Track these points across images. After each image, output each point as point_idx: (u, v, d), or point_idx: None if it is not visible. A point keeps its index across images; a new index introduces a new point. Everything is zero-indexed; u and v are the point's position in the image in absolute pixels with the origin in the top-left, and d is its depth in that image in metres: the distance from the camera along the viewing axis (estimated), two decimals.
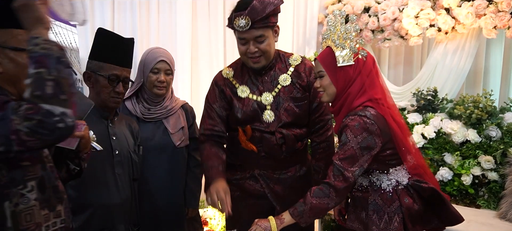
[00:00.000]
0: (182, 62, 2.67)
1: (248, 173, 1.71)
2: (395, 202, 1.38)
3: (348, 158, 1.33)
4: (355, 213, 1.48)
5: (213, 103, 1.68)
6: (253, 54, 1.56)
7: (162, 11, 2.65)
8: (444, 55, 2.70)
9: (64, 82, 0.87)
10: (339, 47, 1.37)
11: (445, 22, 2.52)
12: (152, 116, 1.89)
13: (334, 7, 3.09)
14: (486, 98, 2.41)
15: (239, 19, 1.48)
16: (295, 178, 1.72)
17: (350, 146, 1.33)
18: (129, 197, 1.63)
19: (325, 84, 1.41)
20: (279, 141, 1.62)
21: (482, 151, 2.32)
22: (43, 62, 0.85)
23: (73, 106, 0.88)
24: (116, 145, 1.58)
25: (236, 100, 1.65)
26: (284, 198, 1.68)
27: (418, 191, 1.39)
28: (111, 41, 1.56)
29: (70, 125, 0.86)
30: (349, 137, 1.33)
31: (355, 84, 1.38)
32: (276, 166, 1.69)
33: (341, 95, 1.40)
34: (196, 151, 2.02)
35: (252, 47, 1.54)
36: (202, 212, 2.73)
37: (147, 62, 1.88)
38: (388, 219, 1.36)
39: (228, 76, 1.70)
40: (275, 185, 1.69)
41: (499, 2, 2.27)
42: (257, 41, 1.54)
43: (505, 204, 2.08)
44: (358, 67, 1.38)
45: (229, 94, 1.67)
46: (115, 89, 1.54)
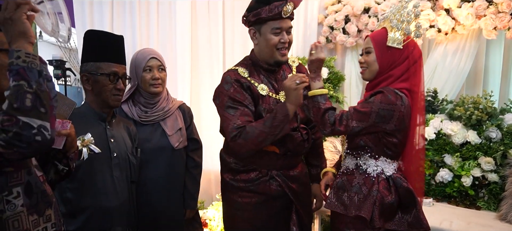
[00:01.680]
0: (182, 64, 2.67)
1: (266, 174, 1.70)
2: (375, 187, 1.44)
3: (361, 113, 1.39)
4: (337, 195, 1.52)
5: (243, 100, 1.60)
6: (284, 44, 1.60)
7: (161, 14, 2.65)
8: (444, 56, 2.69)
9: (44, 95, 0.88)
10: (394, 28, 1.43)
11: (445, 23, 2.52)
12: (149, 118, 1.88)
13: (334, 7, 3.09)
14: (486, 100, 2.40)
15: (288, 5, 1.54)
16: (303, 174, 1.79)
17: (370, 106, 1.38)
18: (127, 200, 1.63)
19: (370, 61, 1.47)
20: (305, 136, 1.66)
21: (482, 152, 2.31)
22: (24, 75, 0.85)
23: (52, 120, 0.89)
24: (114, 148, 1.58)
25: (261, 100, 1.65)
26: (299, 195, 1.73)
27: (396, 186, 1.45)
28: (103, 41, 1.56)
29: (49, 138, 0.87)
30: (375, 99, 1.39)
31: (399, 68, 1.43)
32: (292, 164, 1.73)
33: (382, 75, 1.45)
34: (194, 151, 2.02)
35: (286, 36, 1.59)
36: (201, 213, 2.73)
37: (138, 63, 1.89)
38: (363, 199, 1.42)
39: (245, 75, 1.67)
40: (292, 183, 1.71)
41: (499, 3, 2.26)
42: (288, 32, 1.61)
43: (505, 206, 2.07)
44: (406, 53, 1.43)
45: (256, 92, 1.64)
46: (116, 87, 1.55)
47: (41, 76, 0.88)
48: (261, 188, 1.69)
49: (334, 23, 3.05)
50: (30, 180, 1.00)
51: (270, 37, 1.59)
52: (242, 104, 1.59)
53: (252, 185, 1.70)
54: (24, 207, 0.96)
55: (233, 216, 1.79)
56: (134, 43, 2.57)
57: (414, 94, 1.45)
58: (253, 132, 1.52)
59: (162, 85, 1.91)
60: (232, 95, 1.60)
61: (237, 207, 1.75)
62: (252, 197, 1.69)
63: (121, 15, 2.57)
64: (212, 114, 2.88)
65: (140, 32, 2.61)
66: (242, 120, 1.56)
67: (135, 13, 2.58)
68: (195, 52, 2.81)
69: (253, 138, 1.52)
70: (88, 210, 1.50)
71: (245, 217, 1.73)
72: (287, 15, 1.56)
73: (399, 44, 1.42)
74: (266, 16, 1.56)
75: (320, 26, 3.21)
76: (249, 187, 1.70)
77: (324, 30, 3.14)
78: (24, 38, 0.90)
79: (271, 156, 1.67)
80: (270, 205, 1.70)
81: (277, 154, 1.66)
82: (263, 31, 1.60)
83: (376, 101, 1.38)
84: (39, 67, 0.89)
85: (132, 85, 1.93)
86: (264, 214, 1.70)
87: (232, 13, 2.93)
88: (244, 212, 1.73)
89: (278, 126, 1.50)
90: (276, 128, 1.50)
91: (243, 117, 1.56)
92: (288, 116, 1.49)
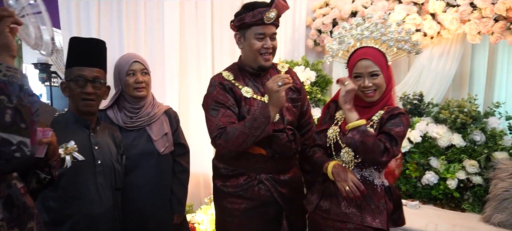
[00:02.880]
0: (170, 68, 2.64)
1: (255, 179, 1.68)
2: (382, 199, 1.49)
3: (400, 135, 1.43)
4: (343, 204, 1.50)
5: (225, 102, 1.62)
6: (267, 49, 1.62)
7: (148, 16, 2.62)
8: (430, 60, 2.72)
9: (25, 110, 0.85)
10: (393, 48, 1.53)
11: (430, 27, 2.55)
12: (134, 124, 1.86)
13: (322, 11, 3.10)
14: (470, 103, 2.44)
15: (270, 11, 1.57)
16: (296, 179, 1.76)
17: (403, 129, 1.43)
18: (111, 207, 1.61)
19: (379, 83, 1.50)
20: (291, 137, 1.66)
21: (467, 155, 2.35)
22: (4, 89, 0.83)
23: (33, 135, 0.87)
24: (98, 155, 1.56)
25: (243, 101, 1.66)
26: (290, 200, 1.70)
27: (392, 194, 1.55)
28: (79, 46, 1.55)
29: (28, 155, 0.85)
30: (404, 122, 1.44)
31: (392, 82, 1.55)
32: (281, 167, 1.70)
33: (385, 93, 1.53)
34: (181, 156, 2.01)
35: (270, 42, 1.62)
36: (190, 217, 2.72)
37: (121, 67, 1.88)
38: (379, 212, 1.47)
39: (229, 78, 1.69)
40: (282, 188, 1.69)
41: (483, 8, 2.30)
42: (272, 38, 1.63)
43: (489, 208, 2.11)
44: (390, 67, 1.55)
45: (239, 94, 1.66)
46: (83, 91, 1.50)
47: (22, 90, 0.86)
48: (249, 193, 1.67)
49: (322, 26, 3.07)
50: (10, 193, 0.98)
51: (254, 42, 1.61)
52: (224, 106, 1.61)
53: (241, 190, 1.68)
54: (3, 221, 0.94)
55: (224, 222, 1.78)
56: (121, 46, 2.53)
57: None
58: (234, 132, 1.53)
59: (146, 89, 1.90)
60: (215, 97, 1.63)
61: (227, 213, 1.74)
62: (241, 203, 1.68)
63: (108, 19, 2.54)
64: (200, 119, 2.85)
65: (128, 35, 2.58)
66: (223, 120, 1.57)
67: (122, 17, 2.54)
68: (183, 56, 2.79)
69: (233, 138, 1.52)
70: (72, 218, 1.48)
71: (235, 223, 1.72)
72: (270, 22, 1.59)
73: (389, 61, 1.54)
74: (249, 21, 1.59)
75: (308, 29, 3.23)
76: (238, 192, 1.68)
77: (312, 33, 3.15)
78: (6, 51, 0.88)
79: (258, 158, 1.66)
80: (259, 211, 1.69)
81: (264, 156, 1.65)
82: (247, 36, 1.63)
83: (405, 124, 1.44)
84: (20, 81, 0.86)
85: (117, 90, 1.91)
86: (253, 220, 1.68)
87: (220, 17, 2.92)
88: (234, 218, 1.72)
89: (258, 127, 1.50)
90: (257, 129, 1.50)
91: (225, 117, 1.58)
92: (269, 117, 1.49)
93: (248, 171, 1.68)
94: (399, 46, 1.54)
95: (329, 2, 3.09)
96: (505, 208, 2.04)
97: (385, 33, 1.51)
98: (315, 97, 2.83)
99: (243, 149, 1.58)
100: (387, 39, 1.51)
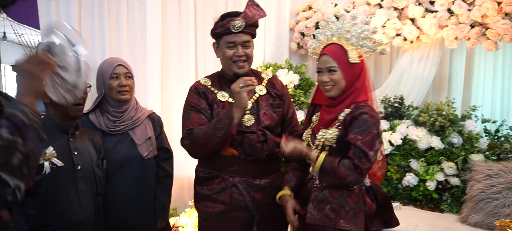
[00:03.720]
0: (152, 71, 2.63)
1: (228, 182, 1.69)
2: (360, 200, 1.49)
3: (368, 142, 1.41)
4: (318, 208, 1.51)
5: (198, 105, 1.68)
6: (240, 57, 1.66)
7: (131, 19, 2.60)
8: (410, 64, 2.78)
9: (32, 157, 0.85)
10: (356, 45, 1.51)
11: (410, 32, 2.60)
12: (117, 128, 1.85)
13: (305, 14, 3.13)
14: (448, 107, 2.51)
15: (236, 20, 1.62)
16: (274, 186, 1.72)
17: (369, 131, 1.42)
18: (93, 213, 1.59)
19: (336, 79, 1.50)
20: (261, 137, 1.66)
21: (445, 157, 2.41)
22: (24, 132, 0.82)
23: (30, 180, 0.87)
24: (78, 160, 1.54)
25: (216, 104, 1.70)
26: (264, 207, 1.68)
27: (375, 193, 1.54)
28: None
29: (18, 199, 0.84)
30: (370, 125, 1.42)
31: (360, 81, 1.52)
32: (256, 171, 1.69)
33: (347, 90, 1.51)
34: (165, 161, 2.00)
35: (241, 50, 1.65)
36: (174, 220, 2.71)
37: (104, 71, 1.87)
38: (354, 214, 1.46)
39: (206, 84, 1.75)
40: (255, 193, 1.68)
41: (460, 15, 2.36)
42: (244, 46, 1.67)
43: (466, 209, 2.17)
44: (360, 65, 1.52)
45: (211, 98, 1.71)
46: None
47: (37, 136, 0.86)
48: (222, 196, 1.67)
49: (305, 29, 3.09)
50: None
51: (225, 51, 1.67)
52: (196, 110, 1.68)
53: (214, 193, 1.69)
54: None
55: (202, 226, 1.80)
56: (103, 48, 2.50)
57: (371, 102, 1.54)
58: (199, 133, 1.60)
59: (129, 93, 1.89)
60: (189, 101, 1.71)
61: (203, 217, 1.76)
62: (214, 206, 1.68)
63: (89, 18, 2.50)
64: None
65: (110, 37, 2.55)
66: (193, 123, 1.65)
67: (104, 21, 2.51)
68: (165, 58, 2.78)
69: (199, 139, 1.60)
70: (53, 225, 1.46)
71: (210, 227, 1.73)
72: (238, 30, 1.63)
73: (357, 59, 1.50)
74: (220, 31, 1.67)
75: (292, 32, 3.25)
76: (212, 195, 1.69)
77: (295, 36, 3.18)
78: (37, 95, 0.89)
79: (231, 160, 1.67)
80: (231, 216, 1.68)
81: (237, 157, 1.66)
82: (221, 45, 1.69)
83: (370, 124, 1.43)
84: (39, 126, 0.86)
85: (99, 94, 1.89)
86: (225, 225, 1.68)
87: (204, 20, 2.91)
88: (209, 222, 1.73)
89: (221, 128, 1.55)
90: (220, 130, 1.55)
91: (195, 120, 1.66)
92: (232, 118, 1.54)
93: (223, 173, 1.69)
94: (360, 44, 1.51)
95: (312, 6, 3.12)
96: (480, 208, 2.10)
97: (349, 30, 1.51)
98: (298, 100, 2.85)
99: (210, 150, 1.63)
100: (350, 37, 1.51)
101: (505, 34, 2.21)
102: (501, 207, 2.06)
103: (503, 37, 2.23)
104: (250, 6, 1.66)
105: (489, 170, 2.16)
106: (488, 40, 2.31)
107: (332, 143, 1.49)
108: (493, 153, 2.31)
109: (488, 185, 2.12)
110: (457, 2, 2.36)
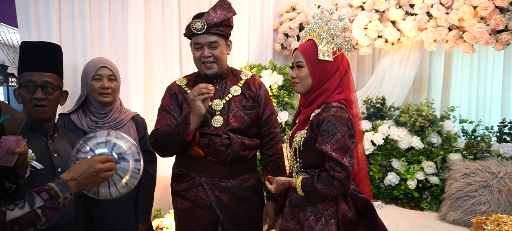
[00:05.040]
0: (135, 74, 2.58)
1: (196, 181, 1.71)
2: (333, 206, 1.41)
3: (341, 148, 1.34)
4: (292, 213, 1.50)
5: (168, 106, 1.74)
6: (206, 58, 1.66)
7: (113, 21, 2.55)
8: (391, 65, 2.84)
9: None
10: (324, 41, 1.42)
11: (391, 34, 2.66)
12: (100, 129, 1.81)
13: (289, 15, 3.15)
14: (428, 107, 2.57)
15: (196, 22, 1.64)
16: (242, 188, 1.73)
17: (340, 136, 1.34)
18: (74, 216, 1.55)
19: (302, 75, 1.45)
20: (225, 141, 1.66)
21: (425, 157, 2.47)
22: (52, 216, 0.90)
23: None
24: (58, 162, 1.50)
25: (186, 105, 1.71)
26: (229, 207, 1.69)
27: (354, 199, 1.44)
28: (30, 50, 1.49)
29: None
30: (337, 126, 1.35)
31: (333, 81, 1.43)
32: (222, 172, 1.70)
33: (316, 89, 1.44)
34: (148, 164, 1.98)
35: (207, 52, 1.65)
36: (158, 222, 2.68)
37: (88, 71, 1.84)
38: (325, 222, 1.40)
39: (182, 84, 1.79)
40: (220, 193, 1.69)
41: (438, 18, 2.43)
42: (211, 46, 1.66)
43: (445, 207, 2.24)
44: (336, 64, 1.44)
45: (181, 99, 1.74)
46: (33, 96, 1.44)
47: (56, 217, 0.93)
48: (189, 194, 1.72)
49: (289, 30, 3.12)
50: None
51: (193, 52, 1.70)
52: (165, 110, 1.74)
53: (183, 190, 1.74)
54: None
55: (176, 222, 1.86)
56: (84, 48, 2.45)
57: (351, 103, 1.46)
58: (161, 134, 1.67)
59: (112, 95, 1.86)
60: (162, 103, 1.77)
61: (176, 213, 1.82)
62: (183, 203, 1.73)
63: (69, 17, 2.44)
64: None
65: (91, 36, 2.50)
66: (161, 123, 1.72)
67: (85, 15, 2.46)
68: (148, 59, 2.74)
69: (160, 140, 1.67)
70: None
71: (180, 223, 1.80)
72: (199, 32, 1.63)
73: (329, 56, 1.42)
74: (186, 33, 1.70)
75: (276, 33, 3.27)
76: (181, 192, 1.74)
77: (279, 37, 3.20)
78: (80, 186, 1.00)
79: (199, 160, 1.69)
80: (197, 215, 1.71)
81: (203, 158, 1.68)
82: (191, 47, 1.72)
83: (340, 128, 1.35)
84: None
85: (82, 94, 1.86)
86: (191, 222, 1.72)
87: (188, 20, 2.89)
88: (179, 218, 1.79)
89: (178, 132, 1.58)
90: (176, 134, 1.59)
91: (163, 120, 1.72)
92: (188, 124, 1.56)
93: (191, 172, 1.72)
94: (328, 40, 1.42)
95: (296, 7, 3.15)
96: (458, 206, 2.17)
97: (322, 26, 1.45)
98: (282, 101, 2.87)
99: (173, 151, 1.73)
100: (320, 32, 1.44)
101: (481, 37, 2.28)
102: (477, 205, 2.13)
103: (479, 40, 2.31)
104: (216, 7, 1.66)
105: (466, 169, 2.23)
106: (465, 43, 2.39)
107: (299, 144, 1.46)
108: (470, 152, 2.39)
109: (465, 184, 2.19)
110: (436, 5, 2.43)
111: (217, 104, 1.70)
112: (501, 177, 2.14)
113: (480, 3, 2.24)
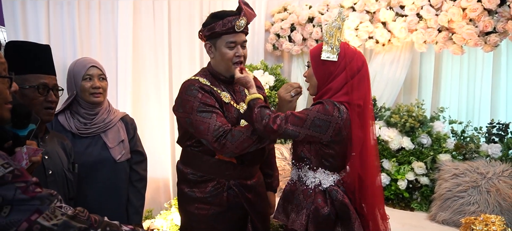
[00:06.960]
0: (123, 74, 2.56)
1: (224, 185, 1.68)
2: (310, 198, 1.44)
3: (296, 117, 1.39)
4: (283, 206, 1.56)
5: (215, 104, 1.58)
6: (239, 58, 1.61)
7: (103, 20, 2.53)
8: (382, 66, 2.86)
9: None
10: (325, 42, 1.46)
11: (382, 35, 2.68)
12: (89, 130, 1.80)
13: (280, 15, 3.16)
14: (418, 108, 2.60)
15: (241, 19, 1.57)
16: (260, 183, 1.78)
17: (307, 112, 1.39)
18: None
19: (309, 75, 1.51)
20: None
21: (415, 157, 2.49)
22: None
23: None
24: (49, 164, 1.49)
25: (224, 105, 1.64)
26: (254, 204, 1.72)
27: (332, 198, 1.43)
28: (29, 51, 1.47)
29: None
30: (313, 108, 1.41)
31: (337, 81, 1.42)
32: (248, 173, 1.71)
33: (321, 88, 1.47)
34: (139, 164, 1.96)
35: (241, 50, 1.61)
36: (149, 223, 2.67)
37: (77, 72, 1.81)
38: (298, 212, 1.45)
39: (206, 83, 1.64)
40: (248, 193, 1.70)
41: (428, 19, 2.45)
42: (242, 46, 1.63)
43: (435, 207, 2.26)
44: (342, 65, 1.43)
45: (219, 97, 1.63)
46: (47, 99, 1.46)
47: None
48: (218, 199, 1.67)
49: (280, 31, 3.12)
50: None
51: (225, 51, 1.61)
52: (214, 108, 1.58)
53: (209, 196, 1.68)
54: None
55: (191, 228, 1.77)
56: (74, 48, 2.42)
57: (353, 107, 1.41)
58: (240, 136, 1.52)
59: (103, 95, 1.84)
60: (202, 100, 1.57)
61: (194, 219, 1.72)
62: (208, 209, 1.67)
63: (58, 16, 2.41)
64: (157, 124, 2.80)
65: (80, 36, 2.47)
66: (220, 120, 1.54)
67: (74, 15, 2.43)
68: (137, 60, 2.71)
69: (239, 142, 1.51)
70: None
71: (202, 229, 1.72)
72: (240, 30, 1.59)
73: (334, 57, 1.43)
74: (220, 30, 1.58)
75: (267, 33, 3.27)
76: (207, 198, 1.67)
77: (271, 38, 3.20)
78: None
79: (228, 166, 1.66)
80: (226, 216, 1.69)
81: (234, 164, 1.66)
82: (218, 45, 1.61)
83: (314, 110, 1.39)
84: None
85: (70, 95, 1.83)
86: (220, 225, 1.69)
87: (179, 20, 2.88)
88: (200, 224, 1.71)
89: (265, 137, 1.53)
90: (263, 139, 1.54)
91: (220, 118, 1.56)
92: None
93: (218, 177, 1.67)
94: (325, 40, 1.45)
95: (287, 8, 3.15)
96: (448, 206, 2.19)
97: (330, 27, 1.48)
98: (273, 102, 2.87)
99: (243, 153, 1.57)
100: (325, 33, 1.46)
101: (470, 39, 2.31)
102: (466, 205, 2.15)
103: (468, 42, 2.33)
104: (243, 5, 1.60)
105: (455, 170, 2.25)
106: (454, 44, 2.41)
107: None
108: (459, 153, 2.41)
109: (454, 184, 2.21)
110: (426, 7, 2.45)
111: (244, 107, 1.65)
112: (489, 177, 2.16)
113: (469, 5, 2.26)
